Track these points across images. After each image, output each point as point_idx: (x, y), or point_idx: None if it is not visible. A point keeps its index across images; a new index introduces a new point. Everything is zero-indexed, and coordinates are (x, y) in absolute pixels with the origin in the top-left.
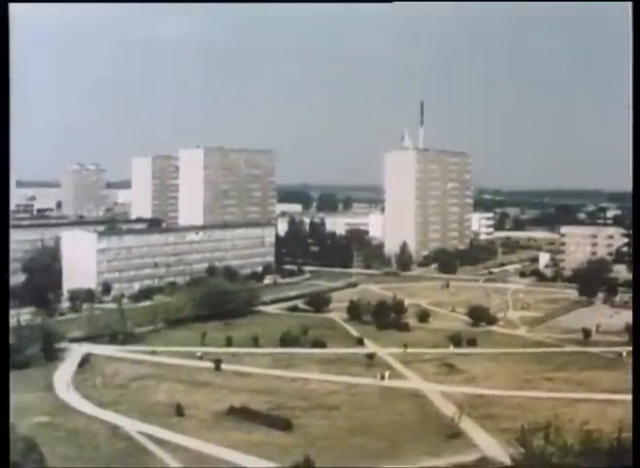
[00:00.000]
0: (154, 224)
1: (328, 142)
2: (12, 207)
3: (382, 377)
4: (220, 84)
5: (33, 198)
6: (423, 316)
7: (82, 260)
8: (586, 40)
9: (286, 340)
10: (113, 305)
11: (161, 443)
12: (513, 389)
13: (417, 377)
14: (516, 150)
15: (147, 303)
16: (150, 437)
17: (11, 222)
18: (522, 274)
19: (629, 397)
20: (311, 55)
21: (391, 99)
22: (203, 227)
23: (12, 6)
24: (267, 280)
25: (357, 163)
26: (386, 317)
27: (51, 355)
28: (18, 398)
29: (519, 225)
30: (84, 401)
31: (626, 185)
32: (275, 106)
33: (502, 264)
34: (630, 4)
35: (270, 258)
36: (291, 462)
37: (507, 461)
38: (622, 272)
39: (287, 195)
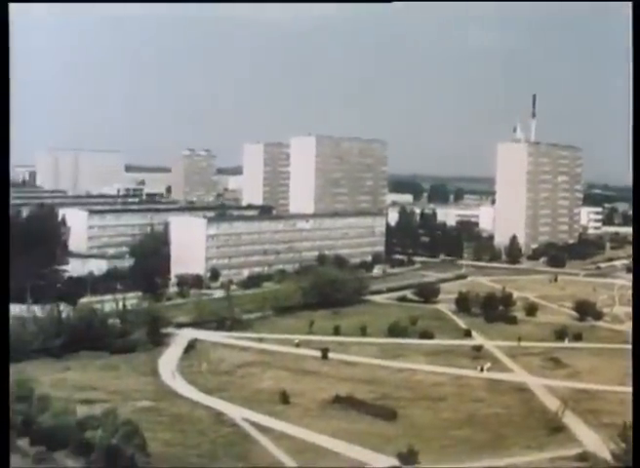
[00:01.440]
0: (265, 211)
1: (438, 133)
2: (121, 191)
3: (482, 369)
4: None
5: (143, 182)
6: (531, 309)
7: (191, 246)
8: None
9: (394, 330)
10: (221, 291)
11: (265, 430)
12: (617, 384)
13: (522, 371)
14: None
15: (256, 290)
16: (255, 424)
17: (120, 207)
18: (629, 270)
19: None
20: (422, 45)
21: (503, 91)
22: (313, 215)
23: None
24: (377, 269)
25: (468, 154)
26: (495, 309)
27: (157, 340)
28: (122, 382)
29: (628, 221)
30: (189, 386)
31: None
32: (388, 97)
33: (610, 259)
34: (630, 4)
35: (380, 248)
36: (394, 452)
37: (608, 457)
38: None
39: (398, 185)
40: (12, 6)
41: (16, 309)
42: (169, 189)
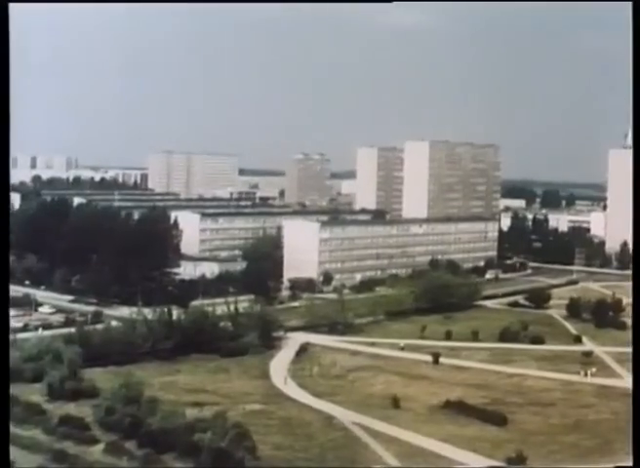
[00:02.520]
0: (378, 216)
1: (550, 138)
2: (234, 194)
3: (586, 374)
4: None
5: (256, 186)
6: None
7: (304, 250)
8: None
9: (505, 335)
10: (334, 295)
11: (375, 434)
12: None
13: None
14: None
15: (368, 295)
16: (365, 428)
17: (233, 210)
18: None
19: None
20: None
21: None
22: (427, 220)
23: None
24: (489, 275)
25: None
26: (605, 315)
27: (268, 343)
28: (233, 385)
29: None
30: (299, 390)
31: None
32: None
33: None
34: (630, 4)
35: (493, 253)
36: (503, 457)
37: None
38: None
39: (510, 190)
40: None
41: (126, 311)
42: (282, 193)
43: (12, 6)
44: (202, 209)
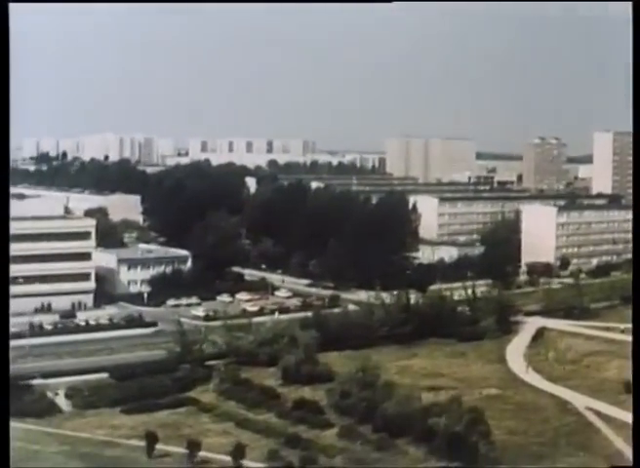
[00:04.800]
0: (614, 200)
1: None
2: (472, 179)
3: None
4: None
5: (494, 170)
6: None
7: (541, 234)
8: None
9: None
10: (570, 280)
11: (608, 419)
12: None
13: None
14: None
15: (604, 279)
16: (598, 413)
17: (471, 194)
18: None
19: None
20: None
21: None
22: None
23: None
24: None
25: None
26: None
27: (505, 327)
28: (469, 369)
29: None
30: (535, 375)
31: None
32: None
33: None
34: (630, 4)
35: None
36: None
37: None
38: None
39: None
40: None
41: (364, 295)
42: (520, 177)
43: None
44: (440, 193)
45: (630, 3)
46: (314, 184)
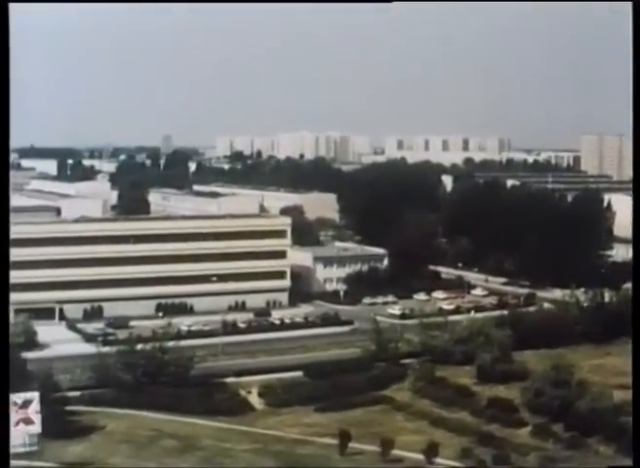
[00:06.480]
0: None
1: None
2: None
3: None
4: None
5: None
6: None
7: None
8: None
9: None
10: None
11: None
12: None
13: None
14: None
15: None
16: None
17: None
18: None
19: None
20: None
21: None
22: None
23: None
24: None
25: None
26: None
27: None
28: None
29: None
30: None
31: None
32: None
33: None
34: (630, 4)
35: None
36: None
37: None
38: None
39: None
40: None
41: (559, 294)
42: None
43: None
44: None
45: (630, 3)
46: (510, 182)
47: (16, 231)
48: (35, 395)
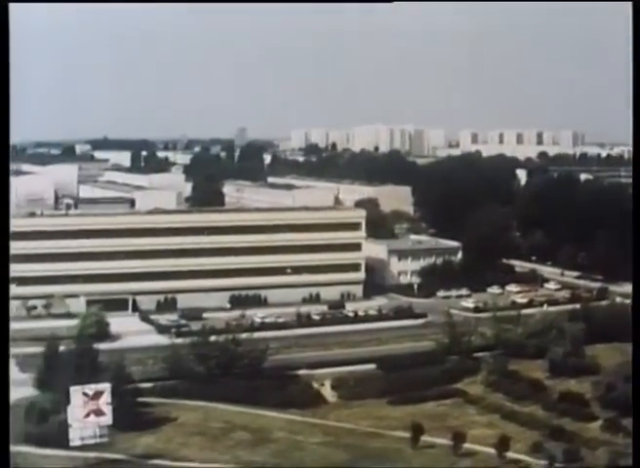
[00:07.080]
0: None
1: None
2: None
3: None
4: None
5: None
6: None
7: None
8: None
9: None
10: None
11: None
12: None
13: None
14: None
15: None
16: None
17: None
18: None
19: None
20: None
21: None
22: None
23: None
24: None
25: None
26: None
27: None
28: None
29: None
30: None
31: None
32: None
33: None
34: (630, 4)
35: None
36: None
37: None
38: None
39: None
40: None
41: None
42: None
43: None
44: None
45: (630, 3)
46: (583, 176)
47: (90, 222)
48: (106, 386)
